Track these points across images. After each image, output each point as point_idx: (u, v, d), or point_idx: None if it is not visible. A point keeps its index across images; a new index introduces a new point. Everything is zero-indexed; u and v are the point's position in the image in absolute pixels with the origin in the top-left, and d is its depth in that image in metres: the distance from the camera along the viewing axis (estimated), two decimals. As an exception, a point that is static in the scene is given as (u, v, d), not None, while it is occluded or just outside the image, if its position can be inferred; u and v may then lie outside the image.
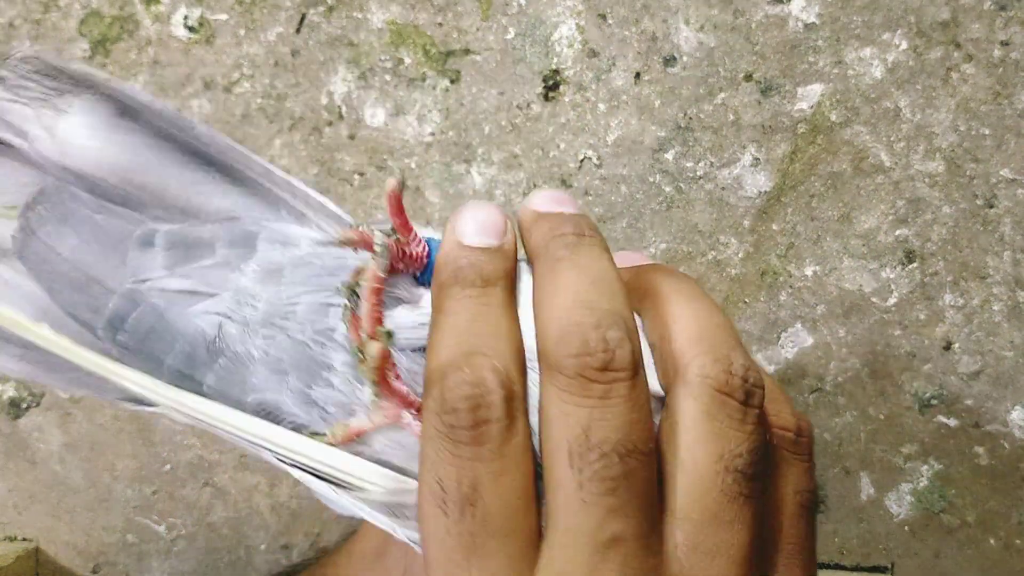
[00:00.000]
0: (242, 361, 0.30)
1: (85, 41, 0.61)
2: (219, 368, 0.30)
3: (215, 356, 0.30)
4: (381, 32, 0.60)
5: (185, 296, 0.30)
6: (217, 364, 0.30)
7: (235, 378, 0.30)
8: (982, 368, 0.59)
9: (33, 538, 0.64)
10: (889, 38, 0.58)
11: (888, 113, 0.58)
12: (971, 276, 0.59)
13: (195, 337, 0.30)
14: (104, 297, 0.30)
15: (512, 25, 0.60)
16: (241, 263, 0.31)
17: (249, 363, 0.30)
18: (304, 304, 0.30)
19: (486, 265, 0.29)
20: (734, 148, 0.59)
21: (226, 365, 0.30)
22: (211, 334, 0.30)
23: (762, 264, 0.60)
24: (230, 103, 0.61)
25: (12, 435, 0.63)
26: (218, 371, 0.30)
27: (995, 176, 0.58)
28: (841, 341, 0.60)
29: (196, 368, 0.30)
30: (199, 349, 0.30)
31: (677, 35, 0.59)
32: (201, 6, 0.60)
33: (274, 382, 0.30)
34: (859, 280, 0.59)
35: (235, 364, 0.30)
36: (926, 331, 0.59)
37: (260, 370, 0.30)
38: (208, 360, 0.30)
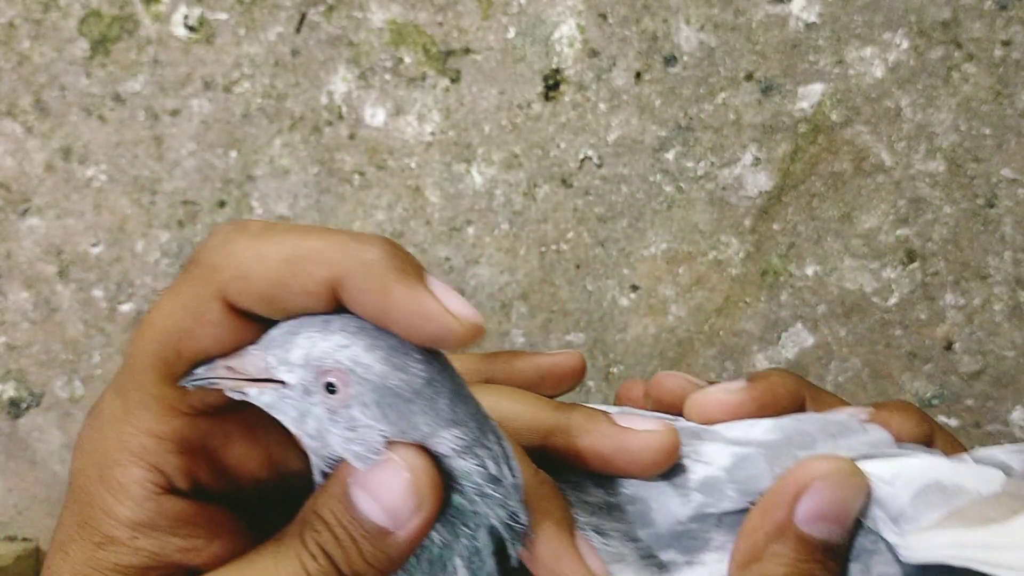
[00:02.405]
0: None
1: (85, 41, 0.61)
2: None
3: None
4: (381, 31, 0.60)
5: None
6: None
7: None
8: (983, 368, 0.59)
9: (33, 538, 0.64)
10: (890, 37, 0.58)
11: (889, 113, 0.58)
12: (972, 276, 0.59)
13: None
14: None
15: (512, 24, 0.60)
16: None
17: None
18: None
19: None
20: (735, 148, 0.59)
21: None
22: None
23: (763, 264, 0.60)
24: (230, 103, 0.61)
25: (12, 435, 0.63)
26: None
27: (996, 176, 0.58)
28: (842, 341, 0.60)
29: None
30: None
31: (678, 34, 0.59)
32: (201, 6, 0.60)
33: None
34: (860, 280, 0.59)
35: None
36: (927, 331, 0.59)
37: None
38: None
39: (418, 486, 0.30)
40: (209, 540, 0.32)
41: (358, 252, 0.30)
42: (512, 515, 0.32)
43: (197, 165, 0.61)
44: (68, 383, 0.62)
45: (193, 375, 0.31)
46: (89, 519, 0.32)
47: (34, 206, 0.61)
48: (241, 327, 0.31)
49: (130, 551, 0.32)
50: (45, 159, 0.61)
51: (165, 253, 0.61)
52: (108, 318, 0.62)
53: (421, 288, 0.30)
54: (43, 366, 0.62)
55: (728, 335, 0.60)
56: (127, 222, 0.61)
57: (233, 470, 0.34)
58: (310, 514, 0.31)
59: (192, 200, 0.61)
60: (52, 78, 0.61)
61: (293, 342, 0.31)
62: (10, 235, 0.62)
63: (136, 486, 0.32)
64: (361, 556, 0.31)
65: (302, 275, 0.30)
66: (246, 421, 0.34)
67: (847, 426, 0.36)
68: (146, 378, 0.32)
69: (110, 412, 0.33)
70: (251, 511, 0.34)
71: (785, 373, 0.40)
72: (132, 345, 0.33)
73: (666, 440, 0.34)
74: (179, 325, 0.31)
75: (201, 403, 0.32)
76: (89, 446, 0.33)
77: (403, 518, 0.30)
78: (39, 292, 0.62)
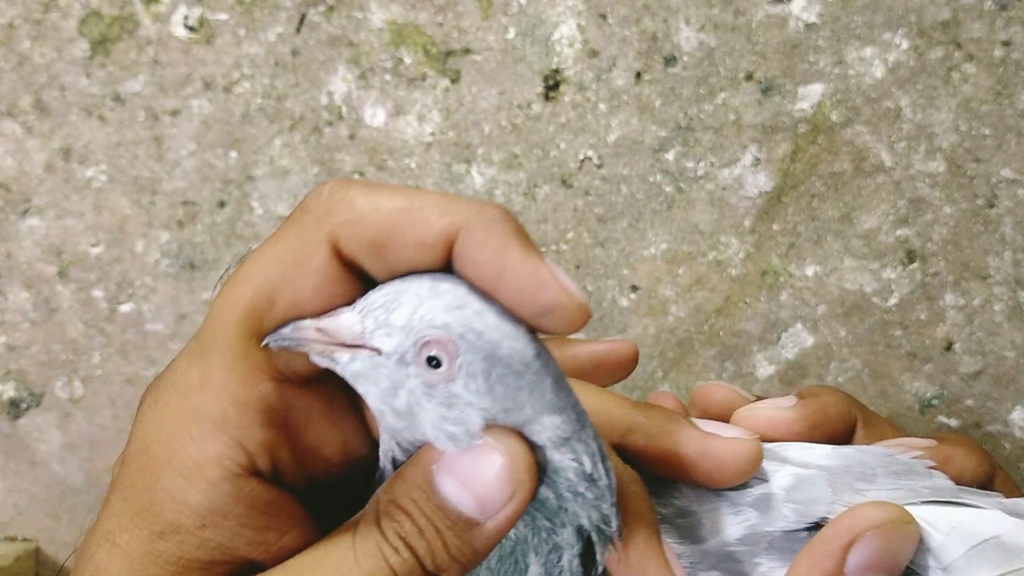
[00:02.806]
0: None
1: (85, 41, 0.61)
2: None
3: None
4: (381, 32, 0.60)
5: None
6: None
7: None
8: (983, 368, 0.59)
9: (33, 538, 0.64)
10: (890, 38, 0.58)
11: (889, 113, 0.58)
12: (972, 276, 0.59)
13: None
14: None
15: (512, 25, 0.60)
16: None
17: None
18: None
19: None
20: (735, 148, 0.59)
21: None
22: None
23: (763, 264, 0.60)
24: (230, 103, 0.61)
25: (12, 435, 0.63)
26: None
27: (996, 176, 0.58)
28: (842, 341, 0.60)
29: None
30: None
31: (678, 35, 0.59)
32: (201, 6, 0.60)
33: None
34: (860, 280, 0.59)
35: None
36: (927, 331, 0.59)
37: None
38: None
39: (515, 473, 0.28)
40: (281, 533, 0.29)
41: (479, 209, 0.28)
42: (604, 518, 0.30)
43: (197, 165, 0.61)
44: (68, 383, 0.62)
45: (279, 334, 0.28)
46: (149, 505, 0.29)
47: (34, 206, 0.61)
48: (343, 281, 0.29)
49: (196, 542, 0.28)
50: (45, 159, 0.61)
51: (165, 253, 0.61)
52: (108, 318, 0.62)
53: (538, 256, 0.28)
54: (43, 366, 0.62)
55: (728, 335, 0.60)
56: (127, 222, 0.61)
57: (309, 454, 0.30)
58: (387, 504, 0.29)
59: (192, 200, 0.61)
60: (52, 78, 0.61)
61: (398, 301, 0.28)
62: (10, 235, 0.62)
63: (213, 465, 0.28)
64: (445, 548, 0.28)
65: (419, 223, 0.28)
66: (328, 398, 0.31)
67: (911, 468, 0.34)
68: (232, 334, 0.29)
69: (184, 380, 0.29)
70: (315, 504, 0.31)
71: (837, 393, 0.38)
72: (218, 300, 0.29)
73: (754, 450, 0.33)
74: (278, 271, 0.29)
75: (287, 368, 0.29)
76: (154, 421, 0.29)
77: (493, 508, 0.28)
78: (39, 292, 0.62)
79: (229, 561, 0.29)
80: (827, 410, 0.37)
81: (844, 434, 0.38)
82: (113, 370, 0.62)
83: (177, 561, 0.28)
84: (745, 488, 0.33)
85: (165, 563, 0.28)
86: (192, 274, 0.61)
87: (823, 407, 0.37)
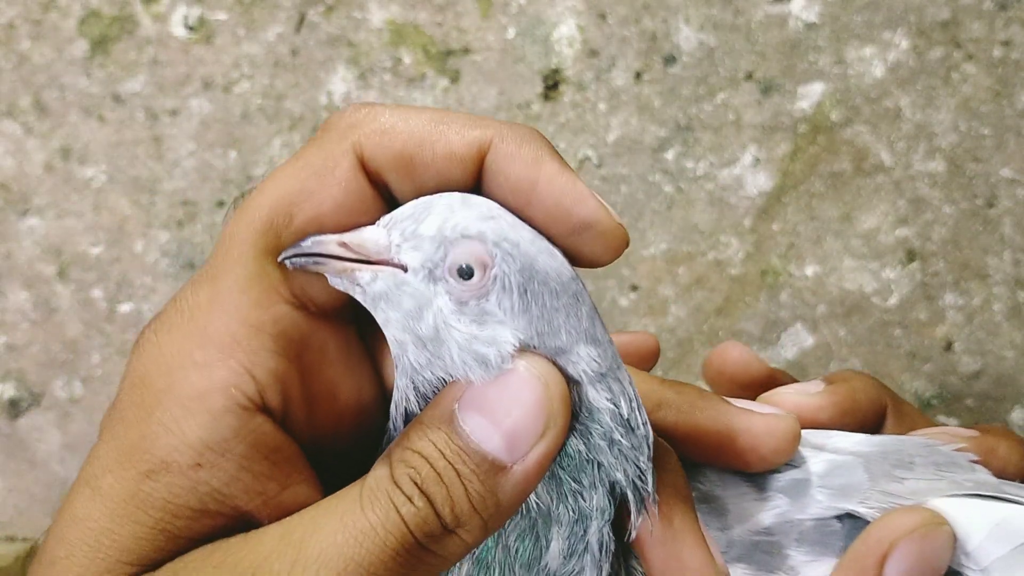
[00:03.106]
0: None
1: (85, 41, 0.61)
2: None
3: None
4: (380, 31, 0.60)
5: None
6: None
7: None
8: (983, 368, 0.59)
9: (33, 538, 0.64)
10: (890, 37, 0.58)
11: (889, 113, 0.58)
12: (971, 276, 0.59)
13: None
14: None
15: (512, 24, 0.60)
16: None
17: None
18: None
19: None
20: (734, 148, 0.59)
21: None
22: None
23: (763, 264, 0.60)
24: (229, 103, 0.61)
25: (12, 435, 0.63)
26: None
27: (995, 176, 0.58)
28: (842, 341, 0.60)
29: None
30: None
31: (677, 34, 0.59)
32: (200, 6, 0.60)
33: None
34: (860, 280, 0.59)
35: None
36: (927, 331, 0.59)
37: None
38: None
39: (549, 402, 0.25)
40: (283, 486, 0.26)
41: (510, 125, 0.26)
42: (640, 474, 0.26)
43: (196, 165, 0.61)
44: (68, 383, 0.62)
45: (298, 247, 0.25)
46: (140, 440, 0.25)
47: (34, 206, 0.61)
48: (367, 198, 0.26)
49: (187, 485, 0.25)
50: (45, 159, 0.61)
51: (164, 253, 0.61)
52: (108, 318, 0.62)
53: (573, 172, 0.26)
54: (43, 366, 0.62)
55: (728, 335, 0.60)
56: (126, 222, 0.61)
57: (321, 400, 0.27)
58: (402, 450, 0.25)
59: (191, 200, 0.61)
60: (52, 78, 0.61)
61: (428, 211, 0.26)
62: (10, 235, 0.62)
63: (217, 394, 0.25)
64: (467, 497, 0.24)
65: (450, 134, 0.26)
66: (345, 339, 0.28)
67: (953, 459, 0.32)
68: (246, 252, 0.26)
69: (191, 303, 0.26)
70: (320, 469, 0.27)
71: (866, 378, 0.36)
72: (233, 219, 0.27)
73: (793, 427, 0.30)
74: (297, 184, 0.26)
75: (303, 295, 0.27)
76: (153, 350, 0.26)
77: (523, 447, 0.25)
78: (39, 292, 0.62)
79: (222, 512, 0.25)
80: (856, 396, 0.35)
81: (873, 422, 0.36)
82: (113, 370, 0.62)
83: (164, 507, 0.25)
84: (774, 473, 0.31)
85: (151, 508, 0.25)
86: (192, 274, 0.61)
87: (852, 393, 0.35)
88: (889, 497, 0.30)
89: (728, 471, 0.31)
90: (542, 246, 0.26)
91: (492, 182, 0.26)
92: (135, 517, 0.25)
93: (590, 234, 0.26)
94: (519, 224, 0.26)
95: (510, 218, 0.26)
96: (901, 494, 0.30)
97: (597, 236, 0.26)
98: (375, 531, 0.24)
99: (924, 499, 0.30)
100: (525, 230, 0.26)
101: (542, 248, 0.26)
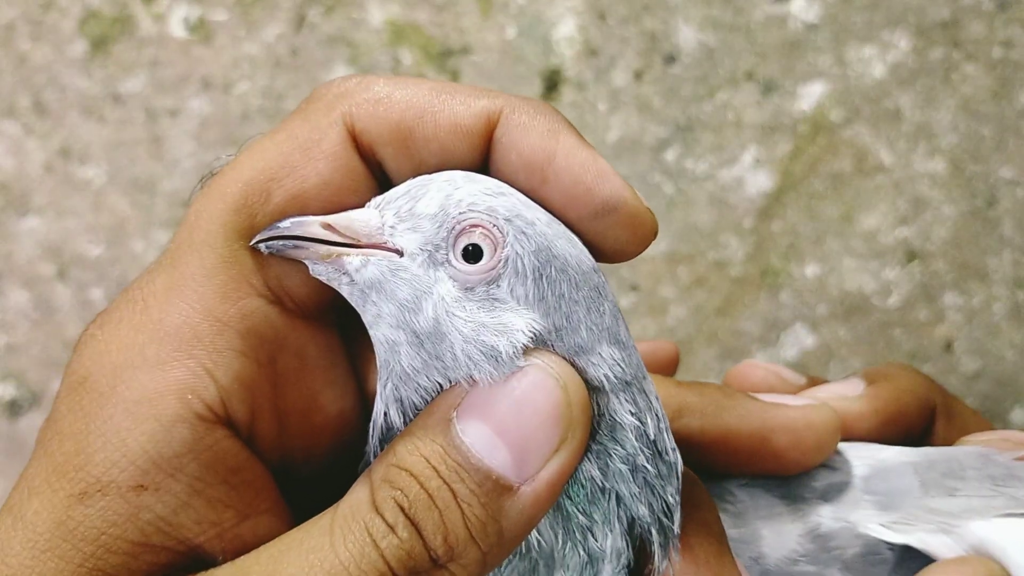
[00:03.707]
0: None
1: (85, 41, 0.61)
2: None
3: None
4: (380, 31, 0.60)
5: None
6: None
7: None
8: (983, 368, 0.59)
9: (33, 538, 0.64)
10: (890, 37, 0.58)
11: (889, 113, 0.58)
12: (972, 276, 0.59)
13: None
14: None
15: (512, 24, 0.60)
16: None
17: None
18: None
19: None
20: (734, 148, 0.59)
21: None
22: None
23: (763, 264, 0.60)
24: (229, 103, 0.61)
25: (12, 435, 0.63)
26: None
27: (995, 176, 0.58)
28: (842, 341, 0.59)
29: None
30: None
31: (677, 34, 0.59)
32: (200, 6, 0.60)
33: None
34: (860, 280, 0.59)
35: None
36: (927, 331, 0.59)
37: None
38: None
39: (568, 408, 0.20)
40: (242, 516, 0.21)
41: (519, 97, 0.23)
42: (666, 510, 0.22)
43: (196, 165, 0.61)
44: (68, 383, 0.62)
45: (275, 228, 0.21)
46: (73, 456, 0.20)
47: (33, 206, 0.61)
48: (358, 177, 0.22)
49: (126, 511, 0.20)
50: (44, 159, 0.61)
51: (164, 253, 0.61)
52: (107, 318, 0.62)
53: (592, 147, 0.23)
54: (42, 366, 0.62)
55: (728, 335, 0.60)
56: (126, 222, 0.61)
57: (295, 416, 0.22)
58: (386, 468, 0.20)
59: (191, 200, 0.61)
60: (52, 78, 0.61)
61: (426, 188, 0.22)
62: (9, 235, 0.62)
63: (169, 397, 0.20)
64: (464, 523, 0.19)
65: (454, 104, 0.22)
66: (326, 344, 0.23)
67: (1011, 471, 0.28)
68: (214, 232, 0.22)
69: (146, 292, 0.22)
70: (289, 498, 0.23)
71: (913, 374, 0.31)
72: (200, 196, 0.23)
73: (832, 417, 0.26)
74: (277, 158, 0.22)
75: (279, 288, 0.22)
76: (97, 347, 0.22)
77: (534, 463, 0.20)
78: (39, 292, 0.62)
79: (167, 546, 0.20)
80: (903, 399, 0.30)
81: (920, 426, 0.31)
82: (113, 370, 0.62)
83: (96, 539, 0.20)
84: (809, 480, 0.27)
85: (79, 541, 0.20)
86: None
87: (898, 395, 0.30)
88: (938, 518, 0.26)
89: (756, 484, 0.27)
90: (559, 230, 0.22)
91: (502, 159, 0.23)
92: (60, 551, 0.20)
93: (614, 218, 0.23)
94: (533, 204, 0.23)
95: (522, 196, 0.23)
96: (954, 513, 0.26)
97: (623, 220, 0.23)
98: (347, 571, 0.19)
99: (978, 520, 0.26)
100: (540, 211, 0.22)
101: (559, 232, 0.22)
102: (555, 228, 0.22)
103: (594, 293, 0.23)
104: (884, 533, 0.26)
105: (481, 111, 0.22)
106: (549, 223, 0.22)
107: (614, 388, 0.22)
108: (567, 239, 0.23)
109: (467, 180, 0.22)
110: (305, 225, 0.21)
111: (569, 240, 0.23)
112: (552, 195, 0.22)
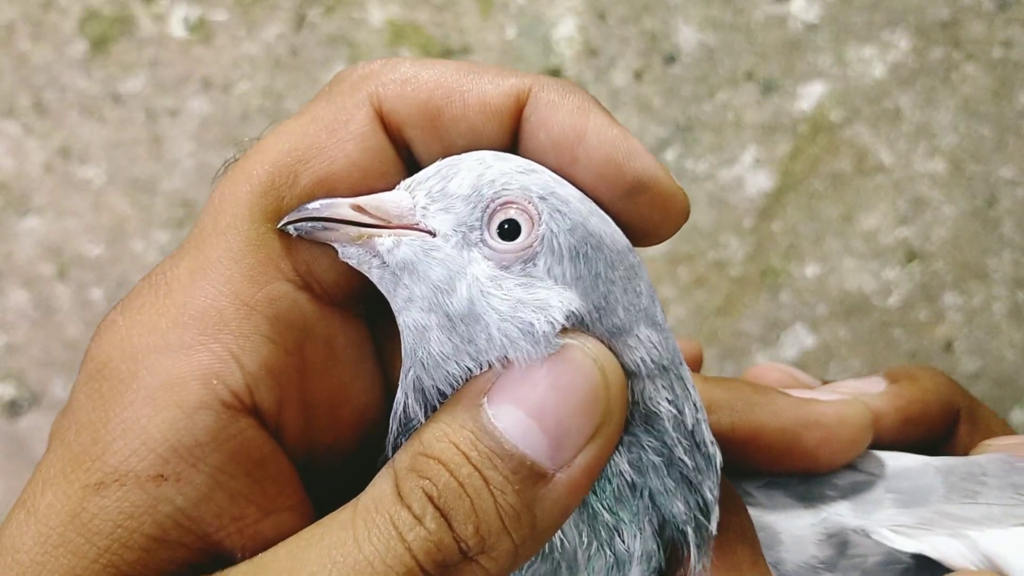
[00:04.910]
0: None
1: (85, 41, 0.61)
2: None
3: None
4: (380, 31, 0.60)
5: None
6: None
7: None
8: (983, 368, 0.59)
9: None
10: (890, 37, 0.58)
11: (889, 113, 0.58)
12: (971, 276, 0.59)
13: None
14: None
15: (511, 24, 0.60)
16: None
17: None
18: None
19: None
20: (734, 148, 0.59)
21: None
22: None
23: (763, 264, 0.60)
24: (229, 103, 0.61)
25: (12, 435, 0.63)
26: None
27: (995, 176, 0.58)
28: (842, 341, 0.59)
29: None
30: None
31: (677, 34, 0.59)
32: (200, 6, 0.60)
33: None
34: (860, 280, 0.59)
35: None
36: (927, 331, 0.59)
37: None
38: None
39: (606, 391, 0.19)
40: (265, 511, 0.20)
41: (547, 77, 0.22)
42: (703, 507, 0.21)
43: (196, 165, 0.61)
44: (67, 383, 0.62)
45: (304, 210, 0.21)
46: (91, 446, 0.19)
47: (33, 206, 0.61)
48: (386, 158, 0.22)
49: (144, 502, 0.18)
50: (44, 159, 0.61)
51: (164, 253, 0.61)
52: (107, 318, 0.62)
53: (622, 126, 0.22)
54: (42, 366, 0.62)
55: (728, 335, 0.60)
56: (126, 222, 0.61)
57: (322, 408, 0.22)
58: (413, 457, 0.19)
59: (191, 200, 0.61)
60: (52, 78, 0.61)
61: (456, 168, 0.22)
62: (9, 235, 0.62)
63: (192, 384, 0.19)
64: (497, 512, 0.19)
65: (483, 83, 0.22)
66: (355, 334, 0.23)
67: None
68: (241, 215, 0.21)
69: (170, 276, 0.21)
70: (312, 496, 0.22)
71: (936, 375, 0.30)
72: (225, 179, 0.23)
73: (865, 412, 0.26)
74: (304, 140, 0.22)
75: (308, 273, 0.22)
76: (118, 333, 0.21)
77: (570, 449, 0.19)
78: (39, 292, 0.62)
79: (184, 542, 0.19)
80: (926, 399, 0.29)
81: (943, 429, 0.30)
82: (113, 370, 0.62)
83: (111, 532, 0.18)
84: (830, 479, 0.26)
85: (94, 535, 0.19)
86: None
87: (922, 395, 0.29)
88: (956, 524, 0.25)
89: (775, 484, 0.26)
90: (592, 207, 0.22)
91: (531, 139, 0.22)
92: (73, 546, 0.19)
93: (647, 197, 0.22)
94: (565, 182, 0.22)
95: (554, 175, 0.22)
96: (973, 520, 0.25)
97: (655, 199, 0.22)
98: (371, 567, 0.18)
99: (997, 528, 0.25)
100: (572, 188, 0.22)
101: (593, 210, 0.22)
102: (588, 205, 0.22)
103: (630, 272, 0.22)
104: (897, 541, 0.25)
105: (510, 90, 0.22)
106: (582, 200, 0.22)
107: (650, 373, 0.21)
108: (600, 217, 0.22)
109: (498, 159, 0.22)
110: (335, 206, 0.21)
111: (602, 219, 0.22)
112: (582, 174, 0.22)
